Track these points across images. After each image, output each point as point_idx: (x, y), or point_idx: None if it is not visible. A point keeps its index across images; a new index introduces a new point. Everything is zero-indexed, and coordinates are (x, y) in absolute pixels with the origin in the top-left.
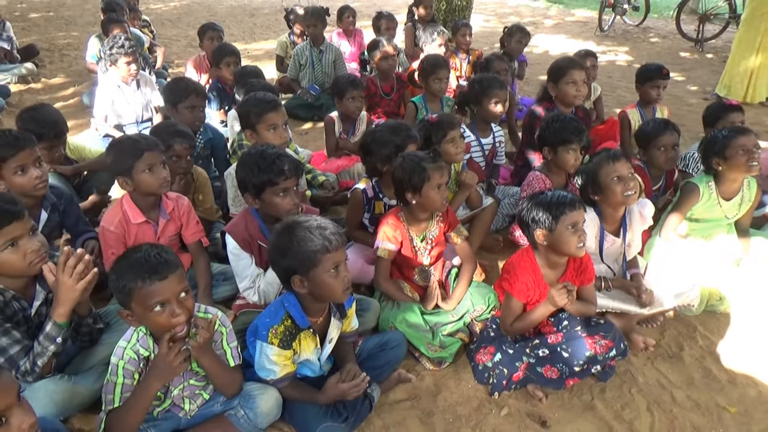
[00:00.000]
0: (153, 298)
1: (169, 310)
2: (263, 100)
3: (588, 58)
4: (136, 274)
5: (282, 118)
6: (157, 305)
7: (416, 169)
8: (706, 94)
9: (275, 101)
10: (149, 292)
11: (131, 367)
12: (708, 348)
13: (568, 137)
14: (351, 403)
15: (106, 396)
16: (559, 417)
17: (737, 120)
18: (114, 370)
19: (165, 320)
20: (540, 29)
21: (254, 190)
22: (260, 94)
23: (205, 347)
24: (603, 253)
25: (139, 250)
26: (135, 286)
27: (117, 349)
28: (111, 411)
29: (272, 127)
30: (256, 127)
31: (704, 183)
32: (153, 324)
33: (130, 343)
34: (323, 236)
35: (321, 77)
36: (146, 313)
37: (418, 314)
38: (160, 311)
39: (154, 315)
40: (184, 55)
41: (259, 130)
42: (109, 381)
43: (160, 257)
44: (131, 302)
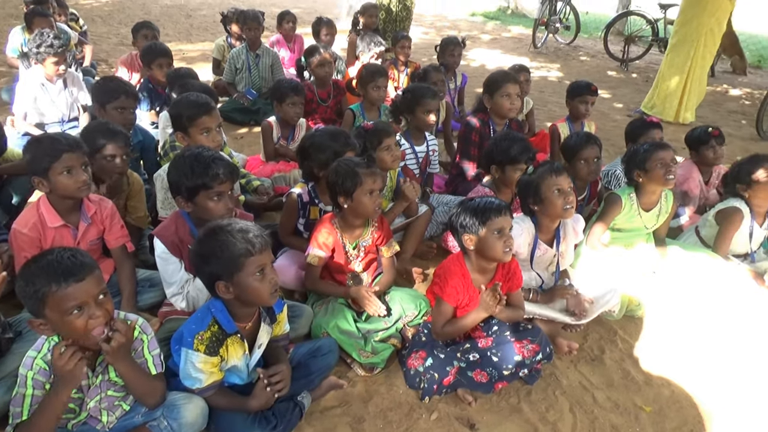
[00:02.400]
0: (69, 302)
1: (87, 313)
2: (196, 102)
3: (522, 72)
4: (50, 278)
5: (215, 121)
6: (74, 309)
7: (349, 173)
8: (630, 111)
9: (208, 104)
10: (65, 295)
11: (42, 378)
12: (627, 351)
13: (516, 157)
14: (280, 411)
15: (14, 409)
16: (487, 420)
17: (657, 136)
18: (23, 381)
19: (83, 324)
20: (477, 44)
21: (187, 193)
22: (193, 96)
23: (122, 353)
24: (533, 261)
25: (50, 253)
26: (49, 290)
27: (26, 359)
28: (18, 425)
29: (205, 131)
30: (188, 129)
31: (626, 194)
32: (70, 330)
33: (41, 352)
34: (245, 239)
35: (258, 81)
36: (62, 319)
37: (350, 321)
38: (77, 315)
39: (71, 320)
40: (115, 54)
41: (192, 133)
42: (18, 393)
43: (74, 259)
44: (44, 308)
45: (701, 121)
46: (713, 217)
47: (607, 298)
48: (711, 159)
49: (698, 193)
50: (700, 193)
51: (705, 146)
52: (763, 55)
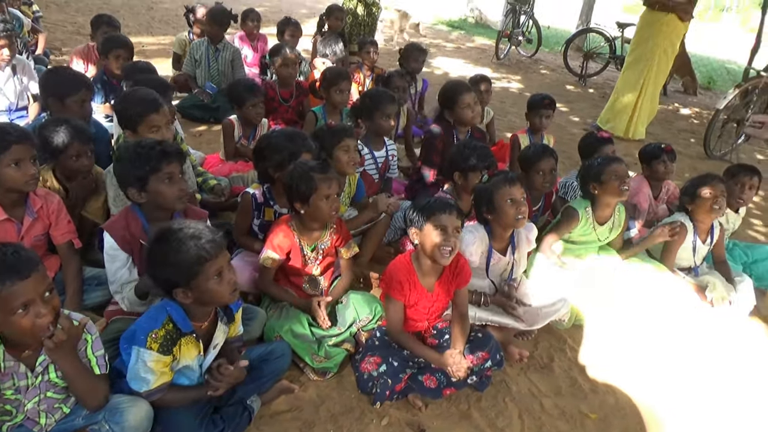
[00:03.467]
0: (15, 300)
1: (33, 311)
2: (144, 99)
3: (482, 82)
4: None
5: (165, 118)
6: (20, 308)
7: (304, 178)
8: (587, 125)
9: (157, 100)
10: (11, 294)
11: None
12: (575, 359)
13: (478, 164)
14: (228, 415)
15: None
16: (438, 425)
17: (609, 151)
18: None
19: (29, 324)
20: (441, 52)
21: (138, 182)
22: (141, 92)
23: (65, 350)
24: (489, 269)
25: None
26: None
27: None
28: None
29: (154, 129)
30: (137, 127)
31: (583, 208)
32: (16, 329)
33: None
34: (198, 246)
35: (217, 76)
36: (7, 318)
37: (305, 325)
38: (22, 314)
39: (16, 319)
40: (70, 43)
41: (140, 131)
42: None
43: (18, 255)
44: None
45: (652, 138)
46: None
47: (557, 306)
48: (661, 174)
49: (647, 207)
50: (650, 207)
51: (657, 161)
52: (713, 77)
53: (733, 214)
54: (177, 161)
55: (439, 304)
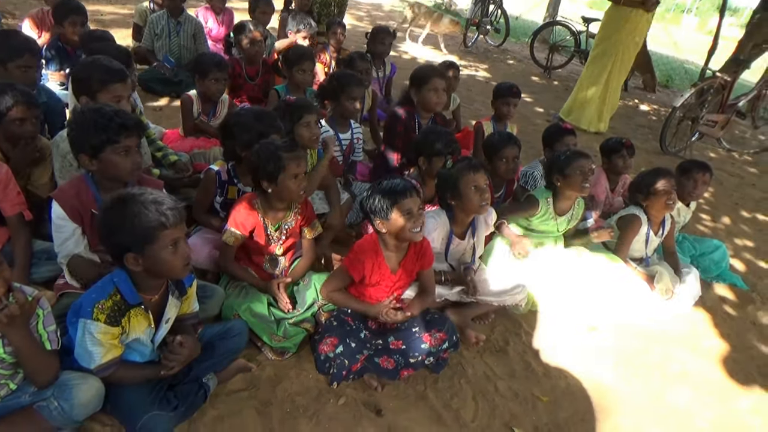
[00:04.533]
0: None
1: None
2: (110, 68)
3: (451, 69)
4: None
5: (128, 90)
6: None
7: (272, 157)
8: (550, 116)
9: (123, 71)
10: None
11: None
12: (529, 343)
13: (442, 149)
14: (183, 392)
15: None
16: (394, 406)
17: (571, 142)
18: None
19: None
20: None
21: (91, 150)
22: (105, 60)
23: (18, 325)
24: (448, 254)
25: None
26: None
27: None
28: None
29: (116, 99)
30: (96, 95)
31: (544, 198)
32: None
33: None
34: (159, 211)
35: (177, 50)
36: None
37: (264, 305)
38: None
39: None
40: (24, 7)
41: (100, 99)
42: None
43: None
44: None
45: (612, 131)
46: (615, 223)
47: (515, 291)
48: (620, 167)
49: (604, 198)
50: (606, 199)
51: (617, 155)
52: (672, 75)
53: (684, 207)
54: (136, 135)
55: (400, 283)
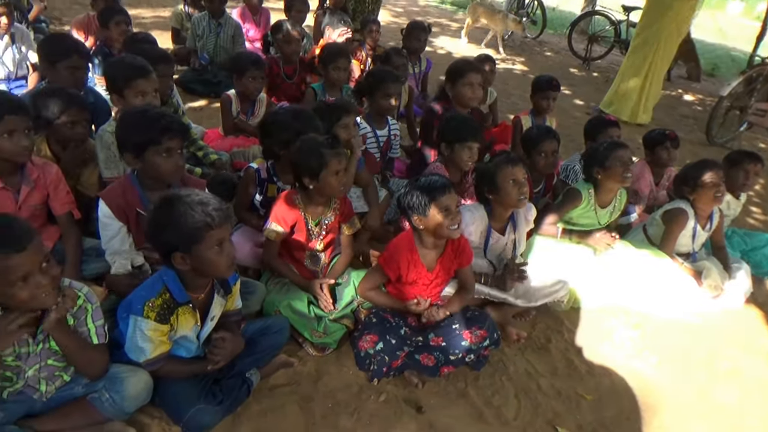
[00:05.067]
0: (13, 273)
1: (32, 282)
2: (132, 64)
3: (487, 62)
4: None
5: (152, 85)
6: (19, 280)
7: (314, 154)
8: (589, 109)
9: (145, 67)
10: (8, 268)
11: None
12: (572, 341)
13: (464, 135)
14: (227, 387)
15: None
16: (434, 403)
17: (614, 134)
18: None
19: (28, 294)
20: (445, 31)
21: (135, 149)
22: (129, 58)
23: (61, 323)
24: (487, 249)
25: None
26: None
27: None
28: None
29: (141, 94)
30: (123, 91)
31: (586, 190)
32: (16, 300)
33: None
34: (205, 212)
35: (218, 51)
36: (7, 290)
37: (304, 302)
38: (21, 286)
39: (16, 291)
40: (69, 13)
41: (126, 96)
42: None
43: (11, 228)
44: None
45: (656, 123)
46: (660, 217)
47: (556, 288)
48: (664, 160)
49: (648, 192)
50: (650, 193)
51: (660, 147)
52: (717, 64)
53: (734, 200)
54: (179, 137)
55: (437, 281)
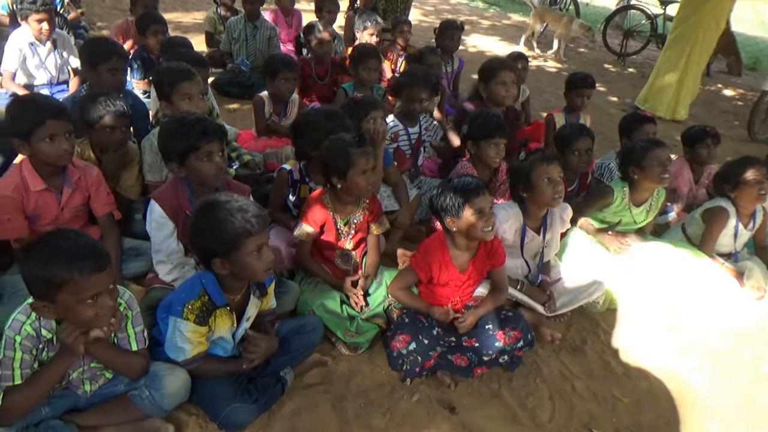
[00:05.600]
0: (88, 292)
1: (100, 302)
2: (176, 69)
3: (519, 60)
4: (71, 266)
5: (197, 87)
6: (90, 299)
7: (342, 153)
8: (625, 106)
9: (188, 70)
10: (86, 285)
11: (29, 343)
12: (608, 342)
13: (489, 132)
14: (262, 385)
15: (3, 372)
16: (468, 403)
17: (650, 131)
18: (10, 344)
19: (93, 313)
20: (476, 30)
21: (178, 157)
22: (173, 64)
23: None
24: (523, 248)
25: (65, 238)
26: (71, 277)
27: (13, 322)
28: (10, 388)
29: (187, 97)
30: (171, 97)
31: (620, 188)
32: (79, 318)
33: (30, 319)
34: (245, 219)
35: (254, 54)
36: (75, 307)
37: (337, 302)
38: (90, 304)
39: (83, 309)
40: (108, 18)
41: (174, 100)
42: (4, 356)
43: (94, 248)
44: (57, 294)
45: (694, 119)
46: (700, 216)
47: (591, 290)
48: (704, 157)
49: (687, 191)
50: (689, 192)
51: (700, 144)
52: (759, 57)
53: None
54: (217, 140)
55: (470, 282)
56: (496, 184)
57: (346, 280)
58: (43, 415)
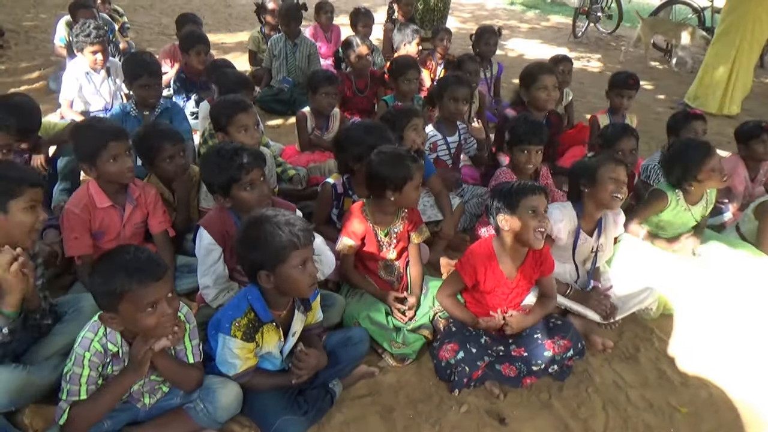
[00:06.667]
0: (146, 300)
1: (159, 310)
2: (233, 101)
3: (562, 63)
4: (131, 276)
5: (252, 118)
6: (149, 307)
7: (401, 167)
8: (673, 103)
9: (245, 102)
10: (144, 294)
11: (96, 359)
12: (663, 350)
13: (520, 138)
14: (311, 397)
15: (71, 387)
16: (518, 414)
17: (700, 129)
18: (79, 360)
19: (154, 321)
20: (515, 33)
21: (221, 190)
22: (230, 97)
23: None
24: (575, 250)
25: (126, 252)
26: (130, 287)
27: (83, 339)
28: (76, 402)
29: (243, 129)
30: (227, 129)
31: (672, 190)
32: (141, 325)
33: (98, 335)
34: (291, 232)
35: (294, 70)
36: (136, 315)
37: (382, 313)
38: (150, 312)
39: (143, 316)
40: (156, 43)
41: (231, 132)
42: (73, 372)
43: (151, 259)
44: (120, 305)
45: (747, 114)
46: (752, 212)
47: (643, 296)
48: (760, 153)
49: (743, 189)
50: (745, 190)
51: (755, 140)
52: None
53: None
54: (257, 167)
55: (518, 291)
56: None
57: (390, 294)
58: (105, 429)
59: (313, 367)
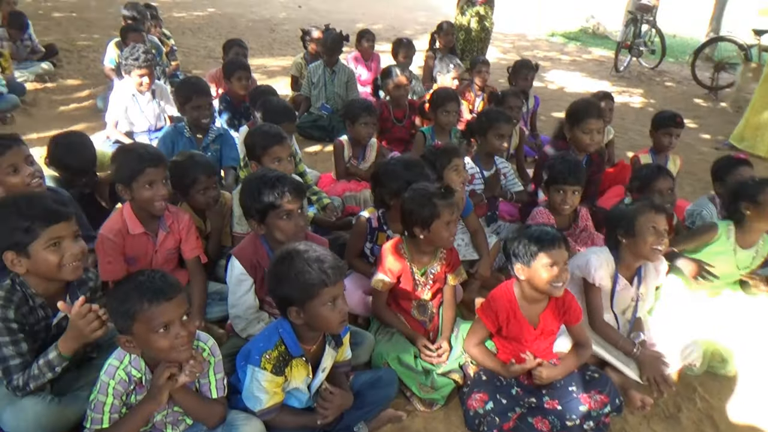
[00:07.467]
0: (157, 319)
1: (173, 332)
2: (268, 133)
3: (604, 100)
4: (142, 296)
5: (287, 151)
6: (161, 327)
7: (426, 204)
8: (718, 144)
9: (280, 134)
10: (154, 313)
11: (121, 388)
12: (706, 411)
13: (555, 177)
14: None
15: (94, 415)
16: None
17: (746, 174)
18: (104, 388)
19: (167, 343)
20: (556, 65)
21: (258, 215)
22: (266, 127)
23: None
24: (614, 297)
25: (141, 274)
26: (141, 307)
27: (108, 367)
28: (98, 431)
29: (276, 160)
30: (261, 159)
31: (725, 225)
32: (155, 347)
33: (123, 363)
34: (321, 269)
35: (332, 97)
36: (149, 336)
37: (411, 355)
38: (163, 334)
39: (156, 337)
40: (203, 66)
41: (264, 162)
42: (97, 399)
43: (165, 280)
44: (133, 325)
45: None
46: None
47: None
48: None
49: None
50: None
51: None
52: None
53: None
54: (297, 198)
55: (543, 337)
56: (576, 230)
57: (421, 338)
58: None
59: (339, 406)
